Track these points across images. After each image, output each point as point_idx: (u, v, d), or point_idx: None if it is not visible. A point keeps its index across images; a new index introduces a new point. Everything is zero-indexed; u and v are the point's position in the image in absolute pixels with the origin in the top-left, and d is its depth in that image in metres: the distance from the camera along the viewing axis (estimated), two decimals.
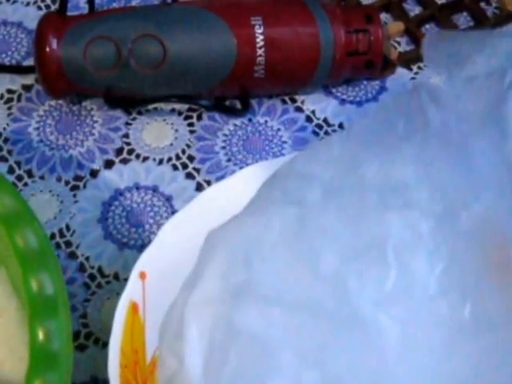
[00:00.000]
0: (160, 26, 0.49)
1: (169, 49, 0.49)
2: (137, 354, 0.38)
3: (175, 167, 0.51)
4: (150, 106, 0.53)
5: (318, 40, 0.50)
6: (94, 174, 0.51)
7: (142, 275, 0.40)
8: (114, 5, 0.58)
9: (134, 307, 0.39)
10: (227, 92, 0.52)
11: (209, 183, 0.50)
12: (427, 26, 0.58)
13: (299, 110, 0.53)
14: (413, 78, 0.55)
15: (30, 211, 0.38)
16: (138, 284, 0.40)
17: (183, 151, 0.52)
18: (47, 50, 0.49)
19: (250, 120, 0.53)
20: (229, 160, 0.51)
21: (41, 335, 0.34)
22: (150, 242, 0.46)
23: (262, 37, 0.49)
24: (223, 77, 0.50)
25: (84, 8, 0.57)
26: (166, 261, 0.41)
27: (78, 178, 0.51)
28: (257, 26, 0.49)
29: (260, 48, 0.49)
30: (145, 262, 0.40)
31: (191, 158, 0.51)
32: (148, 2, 0.58)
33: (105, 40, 0.49)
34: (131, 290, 0.40)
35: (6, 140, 0.52)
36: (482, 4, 0.58)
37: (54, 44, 0.49)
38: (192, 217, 0.42)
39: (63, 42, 0.49)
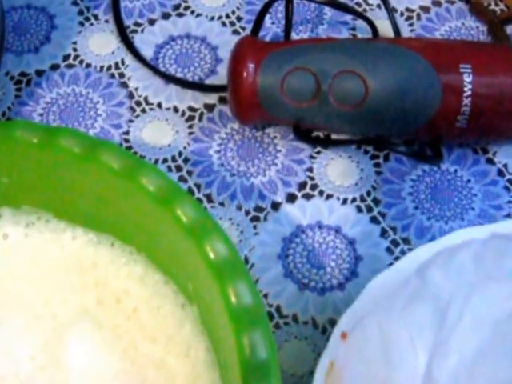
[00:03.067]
0: (363, 64, 0.47)
1: (371, 88, 0.47)
2: None
3: (359, 209, 0.49)
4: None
5: None
6: (275, 206, 0.49)
7: (344, 335, 0.38)
8: (302, 35, 0.56)
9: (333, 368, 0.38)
10: (421, 137, 0.49)
11: (394, 230, 0.48)
12: None
13: (490, 162, 0.51)
14: None
15: (243, 263, 0.36)
16: (338, 344, 0.38)
17: (368, 193, 0.50)
18: (244, 75, 0.48)
19: (438, 167, 0.50)
20: (416, 208, 0.49)
21: None
22: (330, 286, 0.45)
23: (470, 86, 0.46)
24: (422, 123, 0.47)
25: (270, 28, 0.56)
26: (367, 321, 0.39)
27: (259, 209, 0.49)
28: (466, 74, 0.47)
29: (466, 97, 0.47)
30: (347, 321, 0.38)
31: (376, 202, 0.49)
32: (335, 31, 0.56)
33: (305, 72, 0.47)
34: (332, 350, 0.38)
35: (186, 160, 0.51)
36: None
37: (252, 70, 0.48)
38: (398, 276, 0.40)
39: (261, 69, 0.48)
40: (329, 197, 0.50)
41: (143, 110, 0.53)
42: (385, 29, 0.54)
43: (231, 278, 0.35)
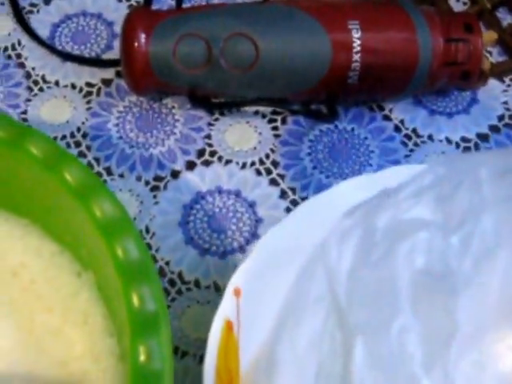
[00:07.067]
0: (253, 26, 0.47)
1: (261, 50, 0.47)
2: (231, 374, 0.37)
3: (259, 172, 0.49)
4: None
5: (416, 48, 0.48)
6: (175, 174, 0.49)
7: (237, 292, 0.38)
8: None
9: (228, 325, 0.38)
10: (316, 97, 0.50)
11: (293, 191, 0.48)
12: None
13: (387, 118, 0.51)
14: (505, 91, 0.53)
15: (130, 220, 0.36)
16: (232, 301, 0.38)
17: (267, 156, 0.50)
18: (135, 45, 0.47)
19: (336, 126, 0.51)
20: (314, 167, 0.49)
21: (142, 356, 0.32)
22: (232, 249, 0.45)
23: (358, 42, 0.47)
24: (315, 81, 0.48)
25: (165, 1, 0.56)
26: (261, 277, 0.39)
27: (158, 179, 0.49)
28: (354, 31, 0.47)
29: (356, 53, 0.47)
30: (240, 277, 0.38)
31: (275, 164, 0.49)
32: None
33: (195, 38, 0.47)
34: (226, 308, 0.38)
35: (84, 135, 0.51)
36: None
37: (143, 40, 0.47)
38: (290, 231, 0.40)
39: (152, 38, 0.47)
40: (228, 162, 0.50)
41: (41, 89, 0.53)
42: None
43: (118, 234, 0.35)
